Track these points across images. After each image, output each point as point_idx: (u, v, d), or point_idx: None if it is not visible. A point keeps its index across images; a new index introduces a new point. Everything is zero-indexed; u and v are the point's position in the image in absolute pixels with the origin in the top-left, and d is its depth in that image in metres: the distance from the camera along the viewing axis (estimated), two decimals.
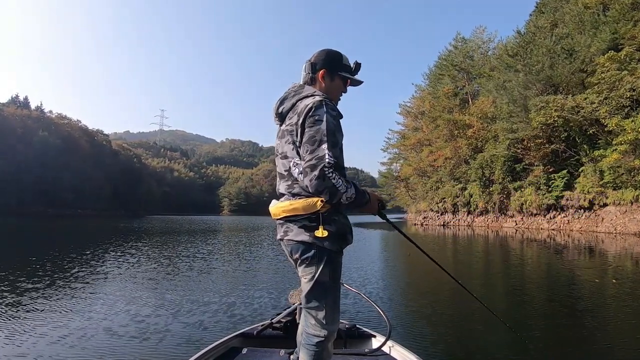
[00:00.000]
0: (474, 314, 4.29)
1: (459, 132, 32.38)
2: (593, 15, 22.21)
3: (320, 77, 1.60)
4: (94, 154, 69.09)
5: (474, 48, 34.75)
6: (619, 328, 3.88)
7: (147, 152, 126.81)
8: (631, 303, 4.84)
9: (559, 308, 4.71)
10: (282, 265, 8.10)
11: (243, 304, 4.67)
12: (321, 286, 1.48)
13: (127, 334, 3.47)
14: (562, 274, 7.65)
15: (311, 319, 1.51)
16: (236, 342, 2.33)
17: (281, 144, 1.57)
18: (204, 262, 8.59)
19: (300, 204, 1.46)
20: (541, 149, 22.17)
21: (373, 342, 2.37)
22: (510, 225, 24.24)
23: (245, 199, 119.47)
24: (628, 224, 16.07)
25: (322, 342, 1.49)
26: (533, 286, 6.39)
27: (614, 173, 17.31)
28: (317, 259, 1.47)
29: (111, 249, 10.80)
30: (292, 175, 1.51)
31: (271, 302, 4.64)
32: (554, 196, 20.93)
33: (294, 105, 1.54)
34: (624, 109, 16.99)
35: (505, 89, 25.03)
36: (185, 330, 3.61)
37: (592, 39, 20.84)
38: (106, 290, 5.37)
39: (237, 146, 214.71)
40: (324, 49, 1.65)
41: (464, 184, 30.41)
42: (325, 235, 1.43)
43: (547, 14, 26.09)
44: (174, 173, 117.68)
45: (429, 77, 42.02)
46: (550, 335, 3.59)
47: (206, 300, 4.80)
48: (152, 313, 4.20)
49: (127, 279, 6.36)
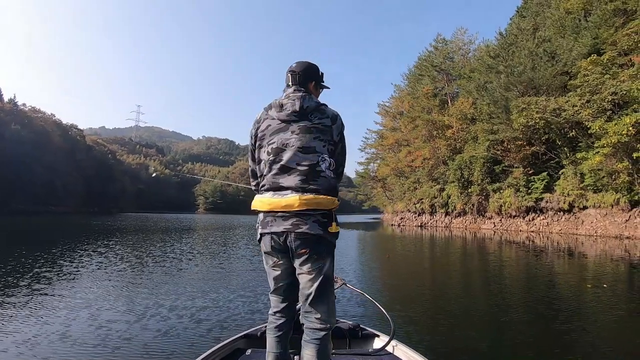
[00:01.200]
0: (478, 313, 4.37)
1: (438, 132, 32.26)
2: (574, 21, 22.39)
3: (312, 87, 1.79)
4: (67, 149, 66.29)
5: (455, 49, 34.76)
6: (603, 331, 3.89)
7: (122, 148, 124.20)
8: (616, 306, 4.80)
9: (545, 311, 4.61)
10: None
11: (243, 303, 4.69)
12: (327, 280, 1.59)
13: (122, 335, 3.43)
14: (540, 275, 7.58)
15: (316, 314, 1.58)
16: (240, 344, 2.35)
17: (303, 139, 1.62)
18: (180, 262, 8.37)
19: (324, 199, 1.57)
20: (521, 150, 22.11)
21: (377, 342, 2.38)
22: (488, 226, 24.10)
23: (221, 198, 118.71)
24: (608, 227, 16.03)
25: (327, 335, 1.58)
26: (514, 288, 6.36)
27: (594, 176, 17.29)
28: (326, 253, 1.59)
29: (82, 247, 10.51)
30: (313, 170, 1.59)
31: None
32: (533, 198, 20.85)
33: (318, 107, 1.69)
34: (606, 112, 16.98)
35: (487, 90, 24.91)
36: (186, 332, 3.56)
37: (573, 43, 20.95)
38: (74, 292, 5.17)
39: (213, 144, 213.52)
40: (305, 61, 1.82)
41: (442, 185, 30.21)
42: (337, 230, 1.60)
43: (528, 18, 26.26)
44: (149, 170, 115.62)
45: (409, 77, 41.85)
46: (533, 336, 3.61)
47: (195, 303, 4.70)
48: (122, 318, 4.02)
49: (99, 278, 6.20)
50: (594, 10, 21.31)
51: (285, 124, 1.67)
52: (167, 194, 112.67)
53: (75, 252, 9.59)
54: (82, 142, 76.98)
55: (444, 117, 31.92)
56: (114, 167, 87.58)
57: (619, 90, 15.98)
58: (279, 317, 1.75)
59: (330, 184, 1.61)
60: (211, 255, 9.91)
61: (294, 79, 1.74)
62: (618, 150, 15.78)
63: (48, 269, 6.84)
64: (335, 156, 1.69)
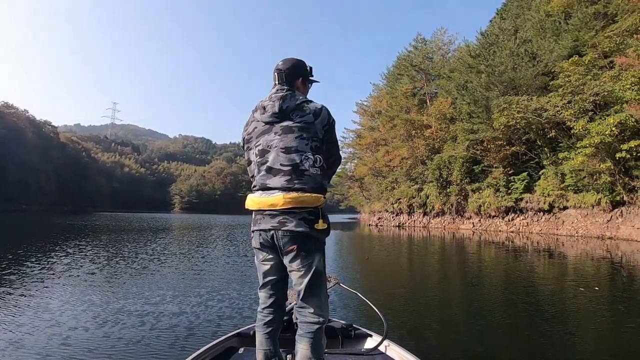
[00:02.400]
0: (470, 313, 4.44)
1: (417, 132, 31.96)
2: (554, 23, 22.52)
3: (299, 84, 1.80)
4: (40, 146, 65.43)
5: (434, 49, 34.66)
6: (588, 332, 3.89)
7: (97, 146, 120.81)
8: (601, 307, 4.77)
9: (534, 310, 4.67)
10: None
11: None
12: (318, 276, 1.62)
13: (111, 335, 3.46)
14: (526, 276, 7.44)
15: (310, 309, 1.62)
16: (233, 342, 2.35)
17: (285, 139, 1.64)
18: (151, 262, 8.24)
19: (308, 197, 1.58)
20: (501, 150, 21.95)
21: (369, 342, 2.38)
22: (467, 227, 23.84)
23: (196, 197, 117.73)
24: (590, 227, 15.92)
25: (321, 329, 1.61)
26: (499, 288, 6.34)
27: (575, 176, 17.21)
28: (315, 249, 1.62)
29: (53, 247, 10.25)
30: (297, 169, 1.61)
31: None
32: (513, 198, 20.69)
33: (299, 105, 1.69)
34: (587, 112, 16.95)
35: (467, 89, 24.73)
36: (173, 331, 3.57)
37: (554, 45, 21.02)
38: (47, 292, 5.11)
39: (190, 142, 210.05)
40: (291, 58, 1.83)
41: (420, 185, 29.87)
42: (324, 227, 1.60)
43: (509, 20, 26.32)
44: (124, 168, 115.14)
45: (387, 77, 41.53)
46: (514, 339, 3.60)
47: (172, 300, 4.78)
48: (108, 318, 3.99)
49: (76, 280, 6.03)
50: (574, 13, 21.49)
51: (269, 126, 1.70)
52: (143, 193, 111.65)
53: (47, 252, 9.31)
54: (55, 140, 74.88)
55: (423, 116, 31.69)
56: (88, 165, 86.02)
57: (601, 90, 15.90)
58: (268, 314, 1.77)
59: (316, 181, 1.63)
60: (190, 256, 9.65)
61: (280, 77, 1.76)
62: (600, 151, 15.71)
63: (12, 271, 6.46)
64: (322, 152, 1.69)
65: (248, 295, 5.12)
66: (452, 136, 27.61)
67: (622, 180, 15.21)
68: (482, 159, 23.65)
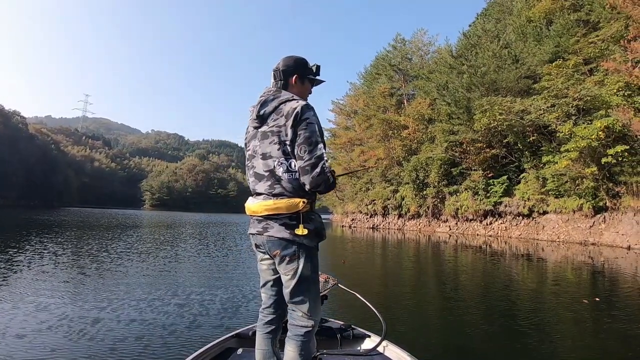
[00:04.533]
0: (468, 314, 4.51)
1: (394, 132, 31.29)
2: (536, 29, 22.49)
3: (294, 81, 1.74)
4: (7, 137, 61.39)
5: (414, 50, 34.29)
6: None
7: (67, 139, 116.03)
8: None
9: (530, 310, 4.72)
10: None
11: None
12: (305, 280, 1.58)
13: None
14: (499, 281, 7.33)
15: (298, 312, 1.61)
16: (231, 343, 2.33)
17: (262, 145, 1.64)
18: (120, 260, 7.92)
19: (284, 203, 1.55)
20: (481, 153, 21.55)
21: (368, 342, 2.38)
22: (443, 230, 23.30)
23: (167, 194, 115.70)
24: (572, 233, 15.60)
25: (309, 332, 1.60)
26: (474, 291, 6.25)
27: (557, 181, 16.92)
28: (298, 255, 1.58)
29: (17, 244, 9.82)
30: (274, 175, 1.59)
31: None
32: (492, 202, 20.27)
33: (276, 107, 1.62)
34: (571, 116, 16.72)
35: (448, 89, 24.28)
36: (172, 332, 3.53)
37: (536, 50, 20.91)
38: None
39: (162, 138, 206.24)
40: (290, 56, 1.77)
41: (396, 186, 29.20)
42: (305, 233, 1.55)
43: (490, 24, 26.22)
44: (94, 163, 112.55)
45: (365, 76, 40.86)
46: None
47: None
48: (102, 318, 3.88)
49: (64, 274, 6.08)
50: (556, 20, 21.49)
51: (255, 130, 1.70)
52: (113, 188, 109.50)
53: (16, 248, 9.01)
54: (24, 131, 70.93)
55: (400, 117, 31.09)
56: (57, 158, 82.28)
57: (587, 95, 15.65)
58: (267, 314, 1.77)
59: (293, 186, 1.58)
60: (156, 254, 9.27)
61: (275, 76, 1.74)
62: (585, 156, 15.45)
63: None
64: (294, 156, 1.58)
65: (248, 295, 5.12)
66: (430, 137, 27.10)
67: (605, 185, 14.98)
68: (461, 161, 23.21)
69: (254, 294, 5.14)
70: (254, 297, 4.92)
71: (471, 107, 21.66)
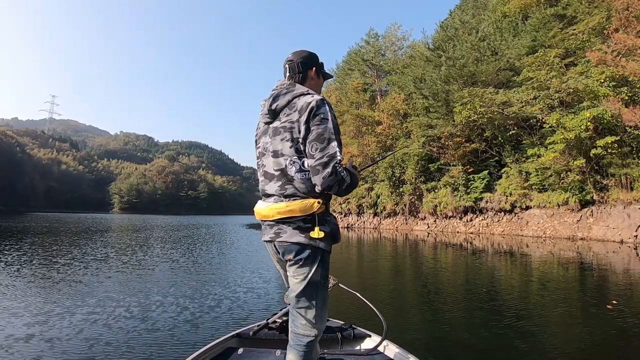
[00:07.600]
0: (469, 313, 4.45)
1: (367, 128, 30.26)
2: (512, 24, 22.22)
3: (313, 74, 1.64)
4: None
5: (387, 45, 33.55)
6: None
7: (33, 141, 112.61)
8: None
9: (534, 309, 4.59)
10: None
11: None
12: (313, 286, 1.48)
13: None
14: (483, 280, 7.05)
15: (301, 319, 1.50)
16: (232, 343, 2.30)
17: (274, 142, 1.52)
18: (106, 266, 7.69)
19: (297, 205, 1.44)
20: (460, 148, 20.85)
21: (369, 342, 2.35)
22: (421, 228, 22.40)
23: (137, 196, 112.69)
24: (558, 228, 15.03)
25: (312, 342, 1.50)
26: (461, 288, 6.13)
27: (541, 175, 16.39)
28: (312, 259, 1.46)
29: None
30: (285, 175, 1.48)
31: None
32: (472, 198, 19.55)
33: (289, 102, 1.51)
34: (554, 109, 16.27)
35: (425, 82, 23.52)
36: (172, 332, 3.54)
37: (513, 43, 20.55)
38: None
39: (131, 140, 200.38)
40: (303, 49, 1.68)
41: (370, 184, 28.13)
42: (322, 235, 1.44)
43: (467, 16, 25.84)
44: (61, 166, 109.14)
45: (337, 72, 39.73)
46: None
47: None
48: (100, 320, 3.90)
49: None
50: (532, 14, 21.29)
51: (266, 126, 1.59)
52: (81, 192, 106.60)
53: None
54: None
55: (374, 112, 30.15)
56: (22, 161, 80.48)
57: (576, 85, 15.13)
58: None
59: (306, 186, 1.45)
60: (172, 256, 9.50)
61: (291, 69, 1.61)
62: (571, 148, 14.96)
63: None
64: (305, 154, 1.46)
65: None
66: (406, 133, 26.27)
67: (592, 178, 14.52)
68: (439, 156, 22.44)
69: (254, 293, 5.12)
70: (254, 297, 4.94)
71: (450, 99, 20.96)
